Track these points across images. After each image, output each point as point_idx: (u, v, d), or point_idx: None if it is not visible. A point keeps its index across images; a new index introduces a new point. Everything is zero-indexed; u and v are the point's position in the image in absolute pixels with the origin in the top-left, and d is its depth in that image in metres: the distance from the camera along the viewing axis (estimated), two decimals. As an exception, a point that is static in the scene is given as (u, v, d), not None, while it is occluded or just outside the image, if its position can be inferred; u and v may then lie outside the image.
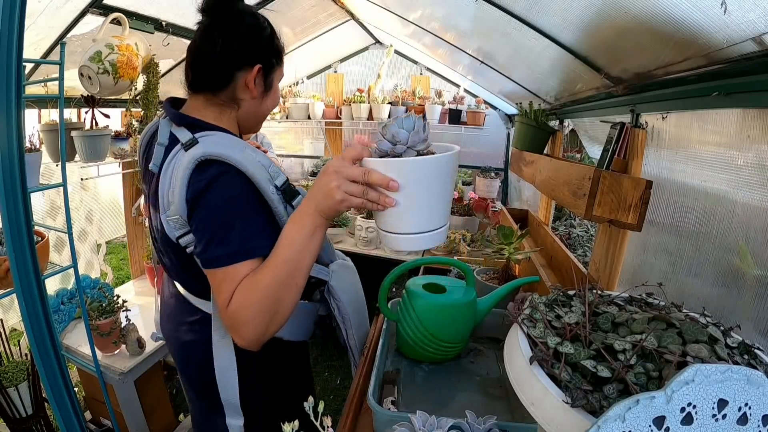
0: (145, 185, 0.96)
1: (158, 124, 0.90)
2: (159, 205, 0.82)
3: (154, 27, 1.89)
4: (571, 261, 1.54)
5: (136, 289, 2.19)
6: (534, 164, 1.85)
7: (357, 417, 1.00)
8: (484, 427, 0.73)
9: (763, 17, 0.59)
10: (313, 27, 2.79)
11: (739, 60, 0.70)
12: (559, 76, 1.63)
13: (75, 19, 1.59)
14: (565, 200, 1.29)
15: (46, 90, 1.79)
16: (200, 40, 0.85)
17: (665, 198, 1.00)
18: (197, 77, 0.88)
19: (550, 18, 1.20)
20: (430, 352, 1.08)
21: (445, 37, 2.14)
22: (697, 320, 0.56)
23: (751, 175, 0.73)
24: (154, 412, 1.77)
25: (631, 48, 1.00)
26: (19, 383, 1.48)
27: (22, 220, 1.15)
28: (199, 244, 0.79)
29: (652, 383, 0.46)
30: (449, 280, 1.16)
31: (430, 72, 3.41)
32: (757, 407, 0.40)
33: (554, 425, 0.47)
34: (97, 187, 2.50)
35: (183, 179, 0.77)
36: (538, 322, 0.59)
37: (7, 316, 1.91)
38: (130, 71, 1.72)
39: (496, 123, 3.26)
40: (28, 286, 1.20)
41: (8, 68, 1.04)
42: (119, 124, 2.25)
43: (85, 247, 2.42)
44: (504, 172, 3.35)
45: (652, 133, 1.06)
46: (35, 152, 1.43)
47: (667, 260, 0.99)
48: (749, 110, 0.73)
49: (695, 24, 0.72)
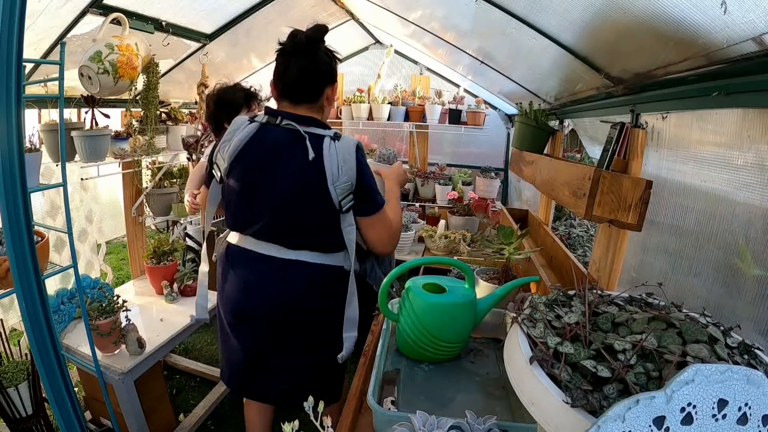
0: (260, 174, 1.20)
1: (249, 128, 1.21)
2: (318, 182, 1.14)
3: (154, 27, 1.89)
4: (571, 261, 1.54)
5: (136, 289, 2.19)
6: (534, 164, 1.85)
7: (357, 417, 1.00)
8: (484, 427, 0.73)
9: (763, 17, 0.59)
10: (313, 27, 2.79)
11: (739, 60, 0.70)
12: (559, 76, 1.63)
13: (75, 19, 1.59)
14: (565, 200, 1.29)
15: (46, 90, 1.79)
16: (299, 70, 1.19)
17: (665, 198, 1.00)
18: (302, 93, 1.22)
19: (550, 18, 1.20)
20: (430, 352, 1.08)
21: (445, 37, 2.14)
22: (697, 320, 0.56)
23: (751, 175, 0.73)
24: (154, 412, 1.77)
25: (631, 48, 1.00)
26: (19, 383, 1.48)
27: (22, 220, 1.15)
28: (365, 197, 1.19)
29: (652, 383, 0.46)
30: (449, 280, 1.16)
31: (430, 72, 3.41)
32: (757, 407, 0.40)
33: (554, 425, 0.47)
34: (97, 187, 2.50)
35: (353, 158, 1.15)
36: (538, 322, 0.59)
37: (7, 316, 1.91)
38: (130, 71, 1.72)
39: (496, 123, 3.26)
40: (28, 286, 1.20)
41: (8, 68, 1.04)
42: (119, 124, 2.25)
43: (85, 247, 2.42)
44: (504, 172, 3.35)
45: (652, 133, 1.06)
46: (35, 152, 1.43)
47: (667, 260, 0.99)
48: (749, 110, 0.73)
49: (695, 24, 0.72)
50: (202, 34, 2.23)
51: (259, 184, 1.20)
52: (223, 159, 1.21)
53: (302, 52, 1.18)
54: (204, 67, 2.35)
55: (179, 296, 2.08)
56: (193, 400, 2.18)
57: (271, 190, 1.18)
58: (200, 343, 2.74)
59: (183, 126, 2.27)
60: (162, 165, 2.30)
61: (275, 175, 1.18)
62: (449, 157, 3.51)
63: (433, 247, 2.53)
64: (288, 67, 1.19)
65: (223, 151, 1.20)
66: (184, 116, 2.35)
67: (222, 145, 1.22)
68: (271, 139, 1.19)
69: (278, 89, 1.23)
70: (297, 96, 1.22)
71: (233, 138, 1.20)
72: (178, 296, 2.07)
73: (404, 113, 3.03)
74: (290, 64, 1.19)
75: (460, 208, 2.79)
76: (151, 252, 2.13)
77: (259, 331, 1.28)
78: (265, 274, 1.24)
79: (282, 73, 1.21)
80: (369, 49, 3.52)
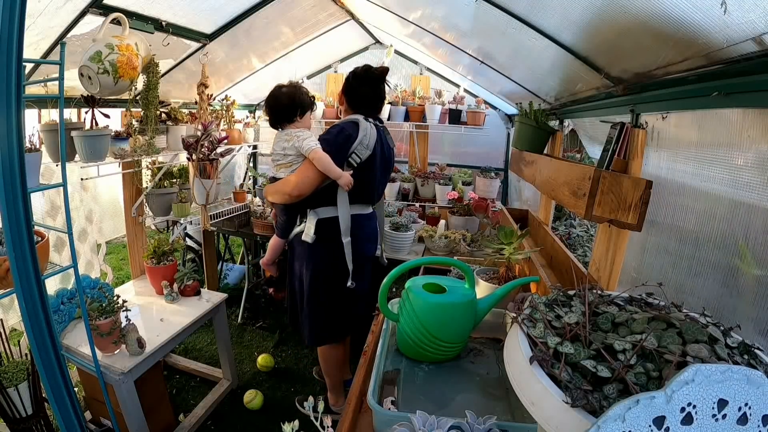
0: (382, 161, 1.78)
1: (371, 128, 1.70)
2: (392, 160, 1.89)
3: (154, 27, 1.88)
4: (571, 261, 1.54)
5: (136, 289, 2.19)
6: (534, 164, 1.85)
7: (357, 417, 1.00)
8: (484, 427, 0.73)
9: (763, 17, 0.59)
10: (313, 27, 2.79)
11: (739, 60, 0.70)
12: (559, 76, 1.63)
13: (75, 19, 1.59)
14: (565, 200, 1.29)
15: (46, 90, 1.79)
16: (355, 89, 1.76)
17: (665, 198, 1.00)
18: (361, 104, 1.75)
19: (550, 18, 1.20)
20: (430, 352, 1.08)
21: (445, 37, 2.14)
22: (697, 320, 0.56)
23: (751, 175, 0.73)
24: (154, 412, 1.77)
25: (631, 48, 1.00)
26: (19, 383, 1.48)
27: (22, 220, 1.15)
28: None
29: (652, 383, 0.46)
30: (449, 280, 1.16)
31: (430, 72, 3.41)
32: (757, 407, 0.40)
33: (554, 425, 0.47)
34: (97, 187, 2.50)
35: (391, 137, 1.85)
36: (538, 322, 0.59)
37: (7, 316, 1.91)
38: (130, 71, 1.72)
39: (496, 123, 3.26)
40: (28, 286, 1.20)
41: (8, 68, 1.04)
42: (119, 124, 2.24)
43: (85, 247, 2.42)
44: (504, 172, 3.34)
45: (652, 133, 1.06)
46: (35, 152, 1.43)
47: (667, 260, 0.99)
48: (749, 110, 0.73)
49: (695, 24, 0.72)
50: (202, 34, 2.23)
51: (383, 168, 1.78)
52: (366, 148, 1.65)
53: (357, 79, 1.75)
54: (204, 67, 2.35)
55: (179, 296, 2.08)
56: (193, 400, 2.18)
57: (388, 171, 1.86)
58: (200, 343, 2.74)
59: (183, 126, 2.27)
60: (162, 165, 2.30)
61: (391, 161, 1.85)
62: (449, 157, 3.51)
63: (433, 247, 2.53)
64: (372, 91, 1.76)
65: (363, 144, 1.65)
66: (184, 116, 2.35)
67: (362, 139, 1.64)
68: (382, 137, 1.75)
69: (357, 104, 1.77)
70: (375, 110, 1.79)
71: (368, 135, 1.66)
72: (177, 296, 2.07)
73: (404, 113, 3.03)
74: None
75: (460, 208, 2.79)
76: (151, 252, 2.13)
77: (369, 272, 1.88)
78: (375, 226, 1.86)
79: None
80: (369, 49, 3.52)
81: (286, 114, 1.71)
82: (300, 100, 1.71)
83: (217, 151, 2.13)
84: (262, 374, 2.45)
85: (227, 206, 2.77)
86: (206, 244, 2.85)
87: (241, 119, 3.05)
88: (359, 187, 1.68)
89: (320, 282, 1.76)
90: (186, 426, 1.92)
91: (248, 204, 2.89)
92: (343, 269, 1.74)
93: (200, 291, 2.17)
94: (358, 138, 1.63)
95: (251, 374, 2.45)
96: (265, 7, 2.22)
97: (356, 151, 1.64)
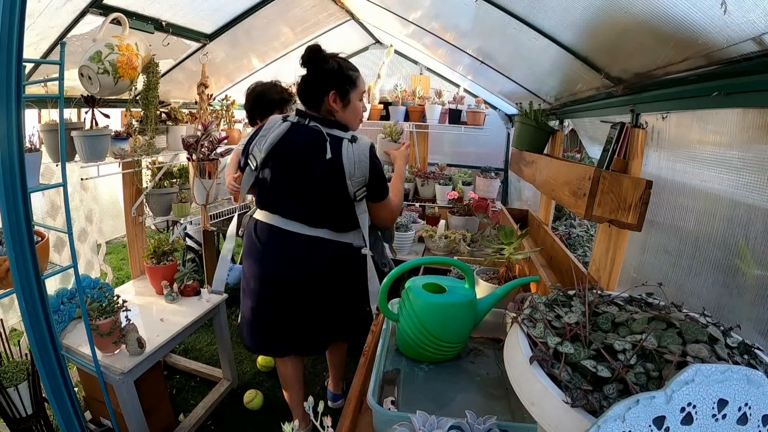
0: (289, 166, 1.45)
1: (281, 125, 1.45)
2: (336, 177, 1.39)
3: (154, 27, 1.88)
4: (571, 261, 1.54)
5: (136, 289, 2.19)
6: (534, 164, 1.85)
7: (357, 417, 1.00)
8: (484, 427, 0.73)
9: (763, 17, 0.59)
10: (313, 27, 2.79)
11: (739, 60, 0.70)
12: (559, 76, 1.63)
13: (75, 19, 1.59)
14: (565, 200, 1.29)
15: (46, 90, 1.79)
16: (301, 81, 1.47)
17: (665, 198, 1.00)
18: (306, 100, 1.47)
19: (550, 18, 1.20)
20: (430, 352, 1.08)
21: (445, 37, 2.14)
22: (697, 320, 0.56)
23: (751, 175, 0.73)
24: (154, 412, 1.77)
25: (631, 48, 1.00)
26: (19, 383, 1.48)
27: (22, 220, 1.15)
28: (375, 189, 1.45)
29: (652, 383, 0.46)
30: (449, 280, 1.16)
31: (430, 72, 3.41)
32: (757, 407, 0.40)
33: (554, 425, 0.47)
34: (97, 187, 2.50)
35: (366, 158, 1.40)
36: (538, 322, 0.59)
37: (7, 316, 1.91)
38: (130, 71, 1.72)
39: (496, 123, 3.26)
40: (28, 286, 1.20)
41: (8, 68, 1.04)
42: (119, 124, 2.24)
43: (85, 247, 2.42)
44: (504, 172, 3.35)
45: (652, 133, 1.06)
46: (35, 152, 1.43)
47: (667, 260, 0.99)
48: (749, 110, 0.73)
49: (695, 24, 0.72)
50: (202, 34, 2.23)
51: (289, 174, 1.45)
52: (259, 151, 1.44)
53: (305, 65, 1.43)
54: (204, 67, 2.35)
55: (179, 296, 2.08)
56: (193, 400, 2.18)
57: (298, 179, 1.44)
58: (200, 343, 2.74)
59: (183, 126, 2.27)
60: (162, 165, 2.30)
61: (302, 168, 1.43)
62: (449, 157, 3.51)
63: (433, 247, 2.53)
64: (301, 78, 1.47)
65: (260, 144, 1.44)
66: (184, 116, 2.35)
67: (259, 139, 1.45)
68: (299, 138, 1.43)
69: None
70: (305, 102, 1.48)
71: (269, 134, 1.44)
72: (178, 296, 2.07)
73: (404, 113, 3.03)
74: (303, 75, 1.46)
75: (460, 208, 2.79)
76: (151, 252, 2.13)
77: (287, 293, 1.53)
78: (292, 246, 1.49)
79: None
80: (369, 49, 3.52)
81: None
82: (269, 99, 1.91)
83: (217, 151, 2.13)
84: (262, 374, 2.45)
85: (227, 206, 2.76)
86: (206, 244, 2.84)
87: (241, 119, 3.05)
88: (260, 191, 1.53)
89: (246, 278, 1.63)
90: (186, 426, 1.92)
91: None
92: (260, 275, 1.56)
93: (200, 291, 2.17)
94: (255, 139, 1.47)
95: (251, 374, 2.45)
96: (265, 7, 2.23)
97: (252, 153, 1.47)
